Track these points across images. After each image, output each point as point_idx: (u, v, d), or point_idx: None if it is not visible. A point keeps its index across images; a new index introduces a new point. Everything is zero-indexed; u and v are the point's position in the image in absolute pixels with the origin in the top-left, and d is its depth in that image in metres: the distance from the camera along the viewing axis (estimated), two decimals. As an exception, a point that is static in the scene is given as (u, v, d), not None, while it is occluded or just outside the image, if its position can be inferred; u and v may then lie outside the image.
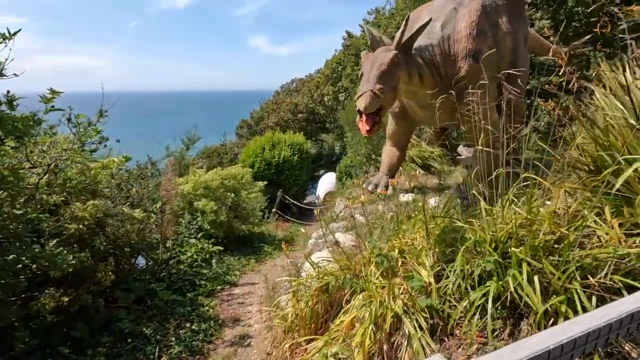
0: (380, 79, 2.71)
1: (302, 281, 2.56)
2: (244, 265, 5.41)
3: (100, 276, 3.10)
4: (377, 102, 2.67)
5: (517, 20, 3.83)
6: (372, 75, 2.71)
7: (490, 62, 3.29)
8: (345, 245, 3.18)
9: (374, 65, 2.76)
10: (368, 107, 2.65)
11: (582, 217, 1.60)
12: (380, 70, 2.73)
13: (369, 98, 2.64)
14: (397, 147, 4.28)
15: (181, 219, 6.07)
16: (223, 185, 6.20)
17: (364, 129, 2.75)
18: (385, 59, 2.78)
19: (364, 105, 2.65)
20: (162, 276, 4.22)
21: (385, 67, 2.75)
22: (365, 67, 2.83)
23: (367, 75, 2.75)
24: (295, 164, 11.91)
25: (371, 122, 2.73)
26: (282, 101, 19.46)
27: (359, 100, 2.70)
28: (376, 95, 2.65)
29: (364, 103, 2.65)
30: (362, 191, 4.39)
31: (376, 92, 2.65)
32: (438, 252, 2.34)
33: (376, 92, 2.65)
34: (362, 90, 2.70)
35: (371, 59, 2.83)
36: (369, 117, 2.72)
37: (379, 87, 2.67)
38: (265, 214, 9.73)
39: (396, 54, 2.82)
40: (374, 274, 2.40)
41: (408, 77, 2.96)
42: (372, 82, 2.69)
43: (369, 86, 2.67)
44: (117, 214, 3.31)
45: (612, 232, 1.54)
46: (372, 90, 2.65)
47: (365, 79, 2.74)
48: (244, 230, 6.66)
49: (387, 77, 2.74)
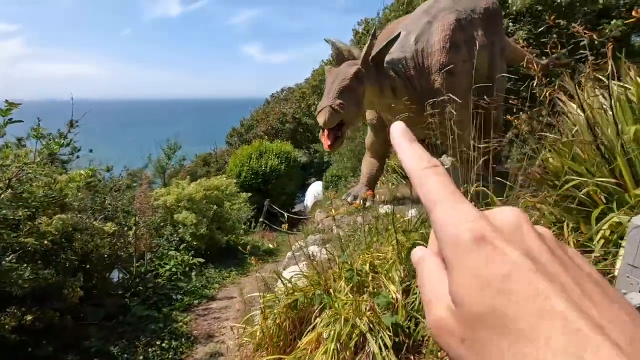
0: (341, 94, 2.68)
1: (271, 297, 2.50)
2: (225, 277, 5.32)
3: (67, 292, 3.00)
4: (336, 118, 2.65)
5: (493, 33, 3.88)
6: (333, 91, 2.69)
7: (465, 75, 3.32)
8: (320, 259, 3.14)
9: (336, 80, 2.74)
10: (327, 123, 2.63)
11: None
12: (341, 86, 2.71)
13: (328, 113, 2.62)
14: (376, 158, 4.28)
15: (163, 231, 5.97)
16: (206, 196, 6.13)
17: (326, 143, 2.73)
18: (347, 73, 2.76)
19: (323, 121, 2.63)
20: (137, 290, 4.12)
21: (347, 82, 2.72)
22: (328, 82, 2.81)
23: (328, 90, 2.74)
24: (282, 173, 11.86)
25: (333, 137, 2.71)
26: (272, 110, 19.48)
27: (318, 116, 2.69)
28: (335, 110, 2.63)
29: (323, 118, 2.63)
30: (342, 202, 4.37)
31: (335, 108, 2.63)
32: (408, 266, 2.32)
33: (335, 108, 2.63)
34: (322, 105, 2.68)
35: (334, 74, 2.82)
36: (331, 132, 2.70)
37: (339, 102, 2.65)
38: (252, 224, 9.64)
39: (359, 68, 2.80)
40: (343, 290, 2.36)
41: (379, 90, 2.96)
42: (331, 97, 2.67)
43: (329, 101, 2.65)
44: (87, 227, 3.22)
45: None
46: (332, 105, 2.63)
47: (326, 93, 2.73)
48: (227, 241, 6.57)
49: (349, 92, 2.71)
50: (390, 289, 2.17)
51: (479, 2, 3.78)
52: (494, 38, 3.86)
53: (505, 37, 4.39)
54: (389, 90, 3.06)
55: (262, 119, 19.24)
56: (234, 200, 7.17)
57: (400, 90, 3.15)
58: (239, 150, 12.81)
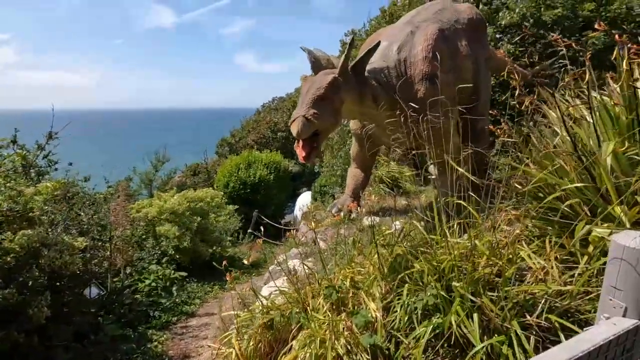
0: (315, 103, 2.60)
1: (246, 317, 2.38)
2: (207, 292, 5.14)
3: (32, 312, 2.83)
4: (309, 128, 2.56)
5: (477, 44, 3.87)
6: (307, 100, 2.61)
7: (448, 85, 3.28)
8: (302, 274, 3.02)
9: (310, 90, 2.66)
10: (300, 133, 2.54)
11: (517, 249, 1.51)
12: (315, 95, 2.62)
13: (301, 123, 2.53)
14: (361, 169, 4.21)
15: (145, 244, 5.79)
16: (190, 208, 5.97)
17: (300, 155, 2.63)
18: (322, 82, 2.68)
19: (297, 131, 2.54)
20: (112, 307, 3.93)
21: (322, 91, 2.64)
22: (302, 91, 2.74)
23: (302, 99, 2.66)
24: (271, 183, 11.74)
25: (308, 148, 2.62)
26: (262, 119, 19.44)
27: (292, 126, 2.59)
28: (309, 120, 2.54)
29: (296, 129, 2.54)
30: (327, 214, 4.27)
31: (308, 117, 2.54)
32: (389, 282, 2.22)
33: (308, 117, 2.54)
34: (295, 115, 2.59)
35: (309, 83, 2.75)
36: (305, 142, 2.61)
37: (313, 112, 2.56)
38: (240, 235, 9.46)
39: (335, 77, 2.72)
40: (322, 308, 2.25)
41: (359, 99, 2.89)
42: (305, 106, 2.59)
43: (302, 111, 2.57)
44: (57, 243, 3.06)
45: (548, 265, 1.45)
46: (305, 115, 2.55)
47: (300, 103, 2.65)
48: (211, 254, 6.40)
49: (323, 101, 2.63)
50: (370, 306, 2.06)
51: (462, 13, 3.78)
52: (478, 48, 3.85)
53: (489, 48, 4.40)
54: (370, 100, 3.00)
55: (252, 128, 19.17)
56: (220, 212, 7.01)
57: (382, 99, 3.10)
58: (227, 161, 12.69)
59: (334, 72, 2.81)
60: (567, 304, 1.31)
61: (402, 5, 7.32)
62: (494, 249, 1.58)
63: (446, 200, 2.06)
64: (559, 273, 1.40)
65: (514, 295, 1.38)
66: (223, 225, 7.11)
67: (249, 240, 9.59)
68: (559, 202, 1.74)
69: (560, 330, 1.28)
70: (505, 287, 1.41)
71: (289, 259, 3.53)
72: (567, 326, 1.26)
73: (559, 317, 1.30)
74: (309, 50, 3.07)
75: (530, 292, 1.38)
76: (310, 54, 3.01)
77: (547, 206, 1.75)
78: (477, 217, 1.79)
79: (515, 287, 1.42)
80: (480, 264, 1.59)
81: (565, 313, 1.40)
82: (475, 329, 1.46)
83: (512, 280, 1.46)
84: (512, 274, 1.44)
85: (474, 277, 1.57)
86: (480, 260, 1.58)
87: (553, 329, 1.38)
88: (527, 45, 5.41)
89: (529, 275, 1.55)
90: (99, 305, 3.77)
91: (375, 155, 4.44)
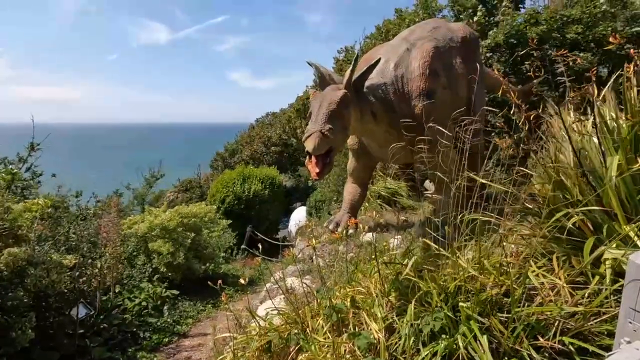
0: (330, 118, 2.57)
1: (242, 340, 2.28)
2: (200, 311, 4.98)
3: (16, 335, 2.69)
4: (326, 143, 2.52)
5: (471, 61, 3.93)
6: (321, 115, 2.57)
7: (445, 101, 3.31)
8: (299, 292, 2.94)
9: (323, 105, 2.63)
10: (317, 149, 2.49)
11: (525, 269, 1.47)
12: (329, 110, 2.60)
13: (318, 139, 2.48)
14: (358, 184, 4.18)
15: (136, 261, 5.63)
16: (183, 224, 5.85)
17: (314, 171, 2.56)
18: (334, 97, 2.67)
19: (313, 147, 2.48)
20: (100, 328, 3.77)
21: (334, 106, 2.63)
22: (314, 106, 2.70)
23: (315, 114, 2.62)
24: (266, 198, 11.63)
25: (321, 164, 2.55)
26: (257, 134, 19.46)
27: (307, 142, 2.53)
28: (325, 135, 2.50)
29: (312, 144, 2.48)
30: (323, 230, 4.20)
31: (325, 133, 2.50)
32: (392, 301, 2.15)
33: (325, 133, 2.50)
34: (311, 130, 2.54)
35: (319, 98, 2.72)
36: (319, 158, 2.54)
37: (329, 127, 2.53)
38: (234, 251, 9.29)
39: (346, 92, 2.73)
40: (322, 328, 2.17)
41: (360, 115, 2.89)
42: (320, 122, 2.55)
43: (318, 126, 2.53)
44: (44, 261, 2.94)
45: (559, 284, 1.41)
46: (321, 130, 2.50)
47: (314, 118, 2.60)
48: (204, 270, 6.24)
49: (336, 116, 2.61)
50: (372, 327, 1.99)
51: (456, 31, 3.85)
52: (472, 66, 3.91)
53: (483, 66, 4.48)
54: (369, 115, 3.00)
55: (247, 143, 19.16)
56: (213, 227, 6.89)
57: (381, 115, 3.10)
58: (221, 175, 12.59)
59: (340, 87, 2.81)
60: (580, 326, 1.26)
61: (398, 23, 7.47)
62: (502, 267, 1.54)
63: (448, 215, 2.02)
64: (569, 293, 1.36)
65: (525, 317, 1.33)
66: (216, 241, 6.96)
67: (243, 256, 9.42)
68: (564, 219, 1.71)
69: (576, 354, 1.23)
70: (515, 308, 1.36)
71: (285, 277, 3.44)
72: (583, 348, 1.21)
73: (573, 338, 1.25)
74: (315, 66, 3.07)
75: (542, 313, 1.33)
76: (317, 69, 3.02)
77: (553, 225, 1.73)
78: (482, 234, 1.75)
79: (525, 307, 1.37)
80: (488, 283, 1.54)
81: (577, 335, 1.36)
82: (485, 350, 1.40)
83: (521, 301, 1.41)
84: (521, 294, 1.39)
85: (481, 298, 1.52)
86: (488, 280, 1.53)
87: (565, 352, 1.33)
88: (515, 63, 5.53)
89: (538, 296, 1.50)
90: (87, 326, 3.61)
91: (372, 170, 4.42)
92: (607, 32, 5.26)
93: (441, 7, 6.75)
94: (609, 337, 1.29)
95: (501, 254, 1.57)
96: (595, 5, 5.26)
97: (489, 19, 6.03)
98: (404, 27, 5.69)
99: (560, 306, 1.28)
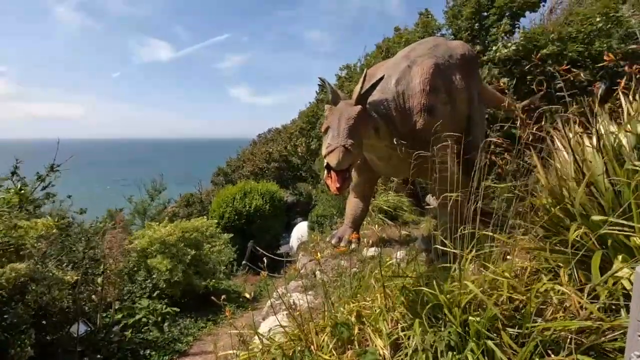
0: (351, 133, 2.54)
1: (245, 357, 2.24)
2: (200, 328, 4.90)
3: (14, 353, 2.64)
4: (349, 158, 2.47)
5: (470, 78, 4.01)
6: (342, 129, 2.54)
7: (445, 117, 3.35)
8: (303, 308, 2.90)
9: (342, 119, 2.62)
10: (341, 163, 2.43)
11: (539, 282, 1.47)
12: (349, 125, 2.58)
13: (342, 153, 2.43)
14: (360, 199, 4.19)
15: (137, 277, 5.58)
16: (184, 239, 5.82)
17: (334, 186, 2.48)
18: (352, 112, 2.67)
19: (337, 161, 2.42)
20: (100, 346, 3.70)
21: (353, 121, 2.62)
22: (333, 121, 2.66)
23: (336, 129, 2.58)
24: (267, 214, 11.60)
25: (342, 179, 2.48)
26: (258, 150, 19.57)
27: (330, 156, 2.46)
28: (348, 150, 2.46)
29: (336, 159, 2.42)
30: (326, 245, 4.19)
31: (348, 147, 2.46)
32: (397, 316, 2.12)
33: (348, 147, 2.46)
34: (333, 145, 2.48)
35: (337, 113, 2.71)
36: (340, 173, 2.48)
37: (351, 142, 2.49)
38: (235, 267, 9.21)
39: (363, 108, 2.75)
40: (327, 345, 2.13)
41: (366, 131, 2.93)
42: (343, 136, 2.51)
43: (341, 141, 2.48)
44: (46, 277, 2.92)
45: (569, 299, 1.40)
46: (345, 145, 2.46)
47: (335, 133, 2.56)
48: (205, 286, 6.17)
49: (356, 131, 2.61)
50: (377, 343, 1.96)
51: (455, 49, 3.93)
52: (471, 82, 3.98)
53: (482, 83, 4.56)
54: (372, 130, 3.04)
55: (248, 158, 19.24)
56: (214, 242, 6.85)
57: (383, 130, 3.14)
58: (222, 191, 12.59)
59: (351, 102, 2.84)
60: (593, 340, 1.25)
61: (397, 42, 7.64)
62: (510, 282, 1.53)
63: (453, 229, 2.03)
64: (581, 307, 1.35)
65: (537, 332, 1.32)
66: (217, 257, 6.91)
67: (243, 272, 9.33)
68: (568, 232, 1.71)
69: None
70: (527, 324, 1.35)
71: (288, 292, 3.40)
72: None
73: (584, 354, 1.24)
74: (327, 81, 3.13)
75: (556, 328, 1.31)
76: (330, 85, 3.07)
77: (559, 239, 1.73)
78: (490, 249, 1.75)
79: (538, 323, 1.36)
80: (498, 298, 1.53)
81: (588, 351, 1.34)
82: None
83: (532, 316, 1.40)
84: (532, 309, 1.38)
85: (491, 313, 1.51)
86: (502, 294, 1.52)
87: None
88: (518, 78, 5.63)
89: (547, 311, 1.49)
90: (86, 343, 3.55)
91: (374, 185, 4.43)
92: (603, 48, 5.38)
93: (440, 26, 6.93)
94: (621, 354, 1.28)
95: (508, 268, 1.57)
96: (592, 23, 5.39)
97: (485, 37, 6.17)
98: (403, 46, 5.81)
99: (574, 322, 1.26)
